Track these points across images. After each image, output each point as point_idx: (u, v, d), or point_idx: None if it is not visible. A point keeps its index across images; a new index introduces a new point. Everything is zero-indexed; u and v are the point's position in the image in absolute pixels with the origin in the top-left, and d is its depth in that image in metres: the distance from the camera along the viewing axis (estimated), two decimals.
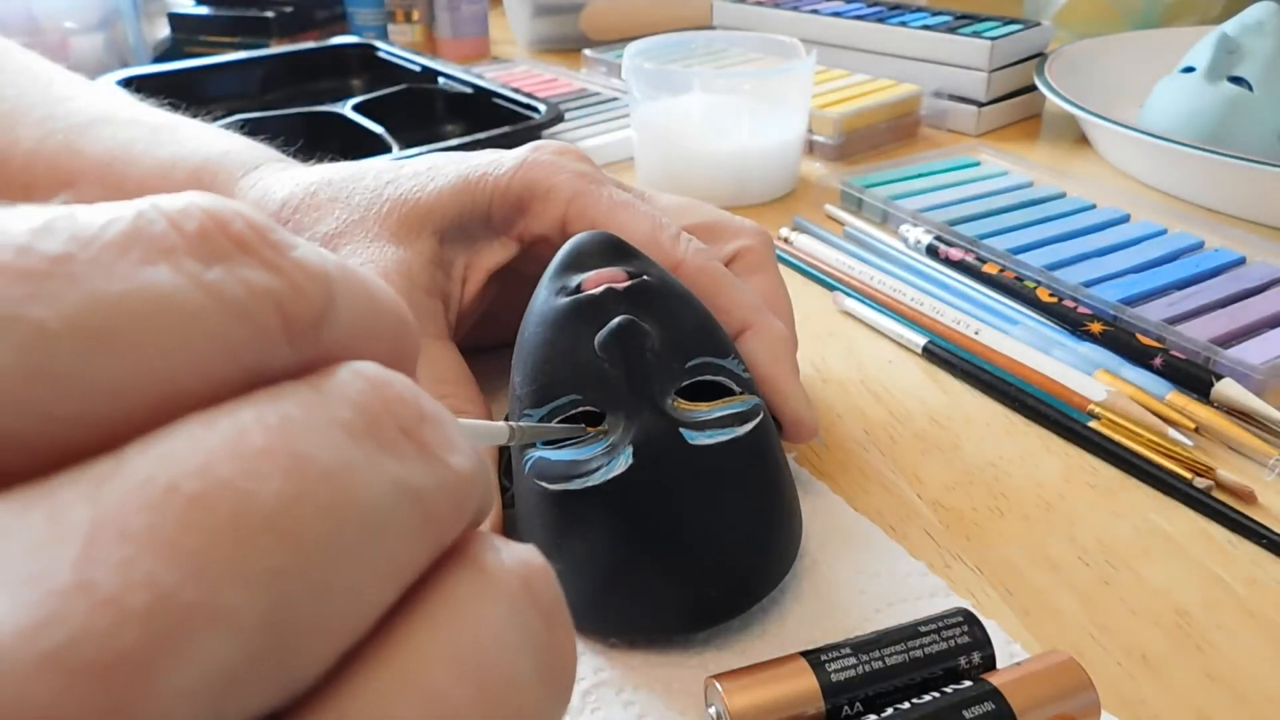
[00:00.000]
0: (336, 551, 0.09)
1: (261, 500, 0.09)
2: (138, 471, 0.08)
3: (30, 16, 0.77)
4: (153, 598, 0.08)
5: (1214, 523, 0.31)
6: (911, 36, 0.71)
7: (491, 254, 0.32)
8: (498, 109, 0.63)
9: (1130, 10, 0.88)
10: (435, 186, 0.32)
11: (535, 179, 0.31)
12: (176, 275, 0.09)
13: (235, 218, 0.10)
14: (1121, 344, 0.39)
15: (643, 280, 0.27)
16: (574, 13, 0.93)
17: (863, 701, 0.23)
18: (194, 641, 0.08)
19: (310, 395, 0.10)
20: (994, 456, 0.34)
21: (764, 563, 0.26)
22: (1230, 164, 0.52)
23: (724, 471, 0.25)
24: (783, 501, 0.27)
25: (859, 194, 0.55)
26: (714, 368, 0.27)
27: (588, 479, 0.25)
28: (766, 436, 0.27)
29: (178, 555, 0.08)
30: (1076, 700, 0.22)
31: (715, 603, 0.26)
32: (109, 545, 0.08)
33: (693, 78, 0.56)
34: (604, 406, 0.25)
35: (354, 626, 0.09)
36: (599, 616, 0.26)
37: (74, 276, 0.09)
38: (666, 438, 0.25)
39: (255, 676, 0.08)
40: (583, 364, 0.26)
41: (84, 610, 0.07)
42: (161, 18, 0.90)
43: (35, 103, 0.38)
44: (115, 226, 0.09)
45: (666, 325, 0.26)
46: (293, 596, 0.09)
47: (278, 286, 0.10)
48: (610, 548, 0.25)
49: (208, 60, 0.71)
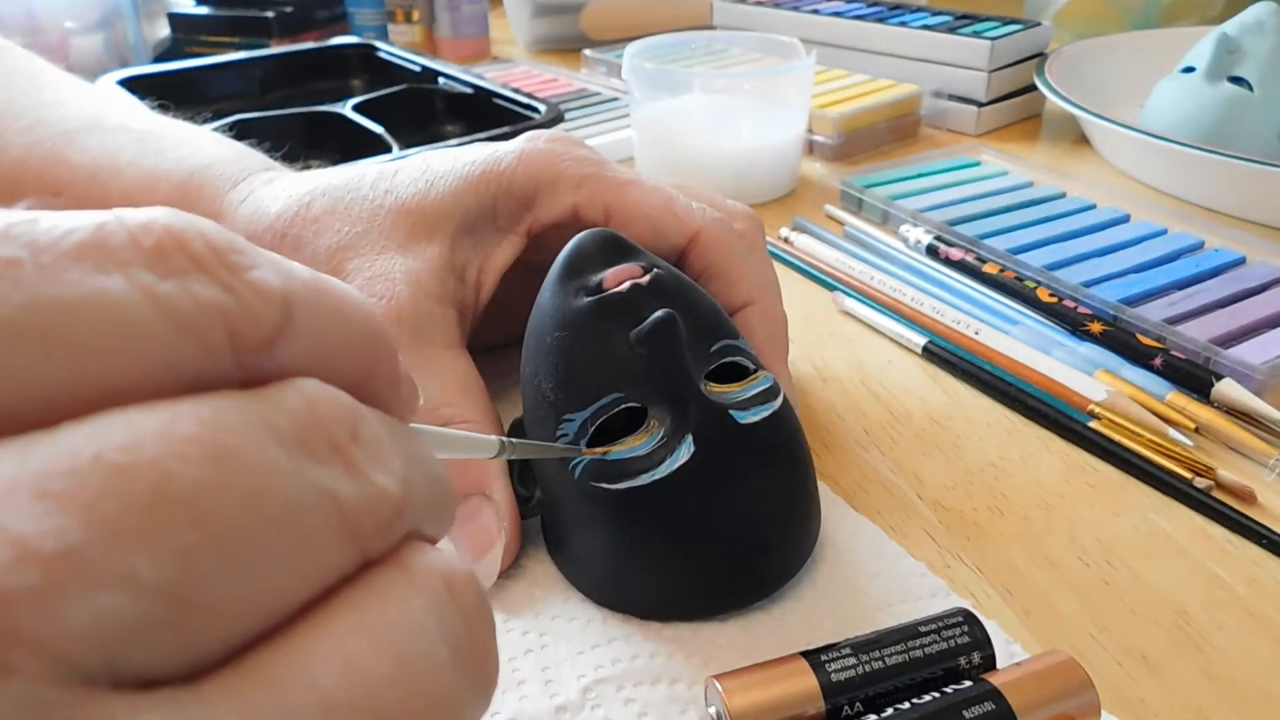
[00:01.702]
0: (249, 540, 0.10)
1: (182, 482, 0.09)
2: (67, 441, 0.09)
3: (30, 16, 0.77)
4: (58, 548, 0.08)
5: (1214, 523, 0.31)
6: (911, 36, 0.71)
7: (501, 253, 0.32)
8: (498, 109, 0.63)
9: (1130, 10, 0.88)
10: (437, 191, 0.31)
11: (538, 171, 0.31)
12: (127, 285, 0.10)
13: (195, 236, 0.11)
14: (1121, 344, 0.39)
15: (658, 273, 0.27)
16: (574, 13, 0.93)
17: (863, 701, 0.23)
18: (92, 594, 0.09)
19: (247, 401, 0.10)
20: (994, 456, 0.34)
21: (811, 525, 0.29)
22: (1230, 164, 0.52)
23: (771, 446, 0.27)
24: (812, 468, 0.29)
25: (859, 194, 0.55)
26: (733, 349, 0.28)
27: (653, 473, 0.25)
28: (791, 409, 0.29)
29: (92, 517, 0.09)
30: (1076, 700, 0.22)
31: (776, 569, 0.27)
32: (26, 497, 0.09)
33: (693, 78, 0.56)
34: (646, 401, 0.26)
35: (264, 610, 0.10)
36: (679, 603, 0.27)
37: (21, 281, 0.09)
38: (720, 422, 0.26)
39: (152, 638, 0.09)
40: (619, 361, 0.26)
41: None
42: (161, 18, 0.90)
43: (26, 108, 0.38)
44: (75, 236, 0.10)
45: (688, 313, 0.27)
46: (198, 573, 0.09)
47: (228, 304, 0.10)
48: (685, 535, 0.26)
49: (208, 60, 0.71)
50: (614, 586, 0.27)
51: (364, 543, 0.11)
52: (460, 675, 0.11)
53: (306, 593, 0.10)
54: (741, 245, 0.32)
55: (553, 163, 0.31)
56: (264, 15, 0.88)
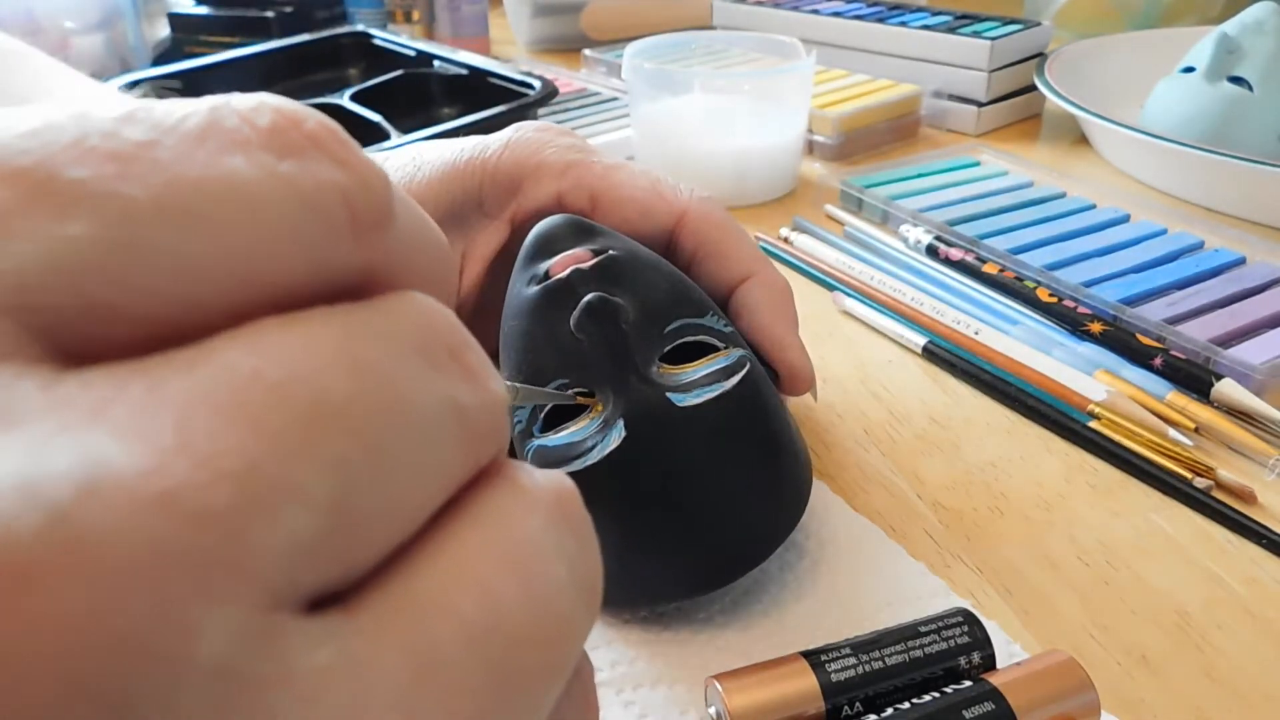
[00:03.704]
0: (393, 448, 0.10)
1: (333, 393, 0.09)
2: (224, 357, 0.09)
3: (30, 16, 0.77)
4: (243, 464, 0.08)
5: (1214, 523, 0.31)
6: (911, 36, 0.71)
7: (486, 240, 0.32)
8: (493, 88, 0.63)
9: (1130, 10, 0.88)
10: (424, 176, 0.32)
11: (523, 158, 0.32)
12: (250, 165, 0.10)
13: (307, 117, 0.11)
14: (1121, 344, 0.39)
15: (608, 255, 0.27)
16: (574, 13, 0.93)
17: (863, 701, 0.23)
18: (278, 509, 0.09)
19: (372, 313, 0.11)
20: (994, 456, 0.34)
21: (774, 510, 0.27)
22: (1230, 164, 0.52)
23: (716, 428, 0.26)
24: (782, 449, 0.27)
25: (859, 194, 0.55)
26: (694, 328, 0.27)
27: (586, 459, 0.25)
28: (755, 387, 0.27)
29: (262, 432, 0.09)
30: (1076, 700, 0.22)
31: (731, 557, 0.26)
32: (204, 415, 0.09)
33: (693, 78, 0.56)
34: (592, 385, 0.26)
35: (407, 519, 0.10)
36: (618, 592, 0.26)
37: (158, 161, 0.09)
38: (654, 405, 0.25)
39: (324, 550, 0.09)
40: (563, 348, 0.26)
41: (186, 467, 0.08)
42: (161, 18, 0.90)
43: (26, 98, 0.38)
44: (192, 120, 0.10)
45: (640, 295, 0.27)
46: (356, 483, 0.09)
47: (346, 181, 0.11)
48: (617, 523, 0.25)
49: (207, 60, 0.71)
50: None
51: (479, 448, 0.11)
52: (578, 594, 0.11)
53: (439, 500, 0.11)
54: (733, 221, 0.32)
55: (537, 150, 0.32)
56: (264, 15, 0.88)
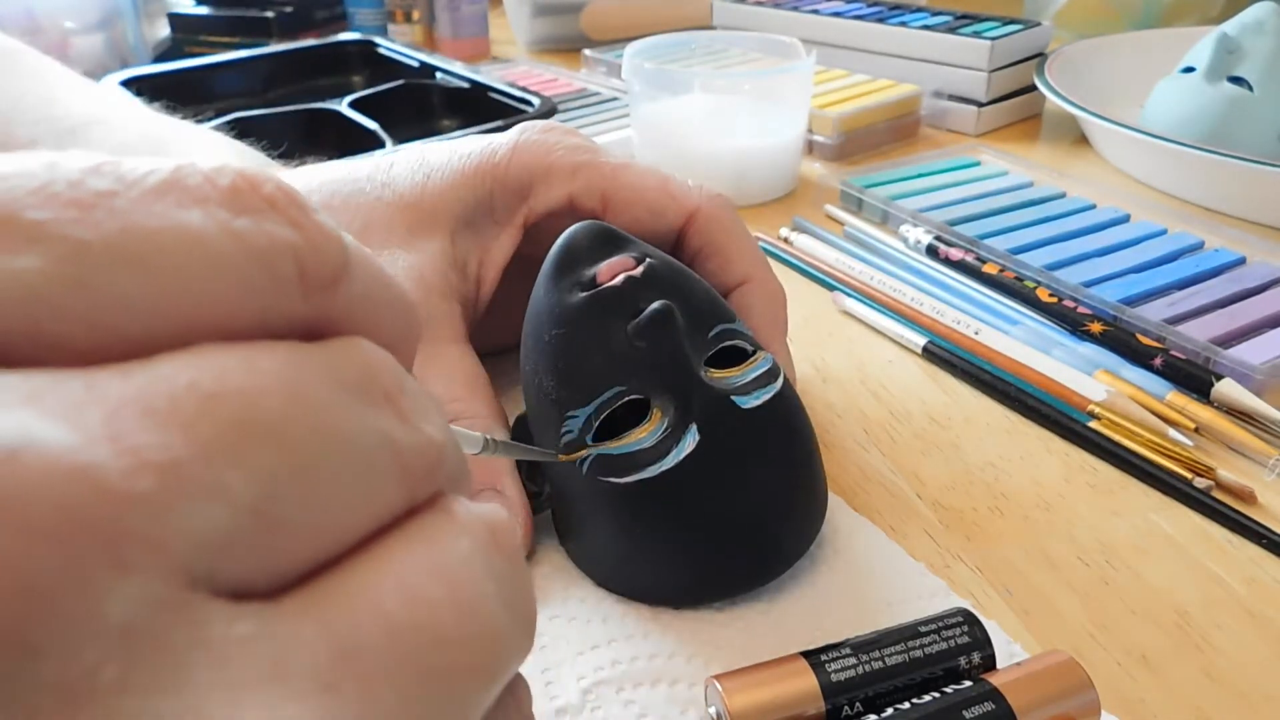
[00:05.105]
0: (321, 469, 0.11)
1: (265, 412, 0.10)
2: (164, 369, 0.10)
3: (30, 16, 0.77)
4: (167, 459, 0.09)
5: (1214, 523, 0.31)
6: (911, 36, 0.71)
7: (500, 247, 0.32)
8: (493, 104, 0.63)
9: (1130, 10, 0.88)
10: (435, 185, 0.31)
11: (532, 161, 0.31)
12: (206, 219, 0.11)
13: (266, 180, 0.12)
14: (1121, 344, 0.39)
15: (651, 263, 0.27)
16: (574, 13, 0.93)
17: (863, 701, 0.23)
18: (196, 502, 0.09)
19: (314, 350, 0.11)
20: (994, 456, 0.34)
21: (817, 504, 0.29)
22: (1230, 164, 0.52)
23: (776, 428, 0.27)
24: (816, 448, 0.29)
25: (859, 194, 0.55)
26: (731, 333, 0.28)
27: (660, 464, 0.25)
28: (790, 387, 0.29)
29: (191, 434, 0.10)
30: (1076, 700, 0.22)
31: (787, 549, 0.27)
32: (135, 414, 0.09)
33: (693, 78, 0.56)
34: (648, 393, 0.26)
35: (333, 535, 0.11)
36: (695, 589, 0.27)
37: (115, 209, 0.10)
38: (723, 408, 0.26)
39: (243, 550, 0.10)
40: (618, 354, 0.26)
41: (111, 452, 0.09)
42: (161, 18, 0.90)
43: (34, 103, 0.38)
44: (155, 176, 0.11)
45: (683, 301, 0.27)
46: (280, 494, 0.10)
47: (298, 241, 0.11)
48: (696, 523, 0.26)
49: (209, 59, 0.71)
50: (626, 575, 0.27)
51: (413, 484, 0.12)
52: (507, 610, 0.12)
53: (368, 525, 0.11)
54: (740, 223, 0.32)
55: (547, 153, 0.32)
56: (264, 15, 0.88)
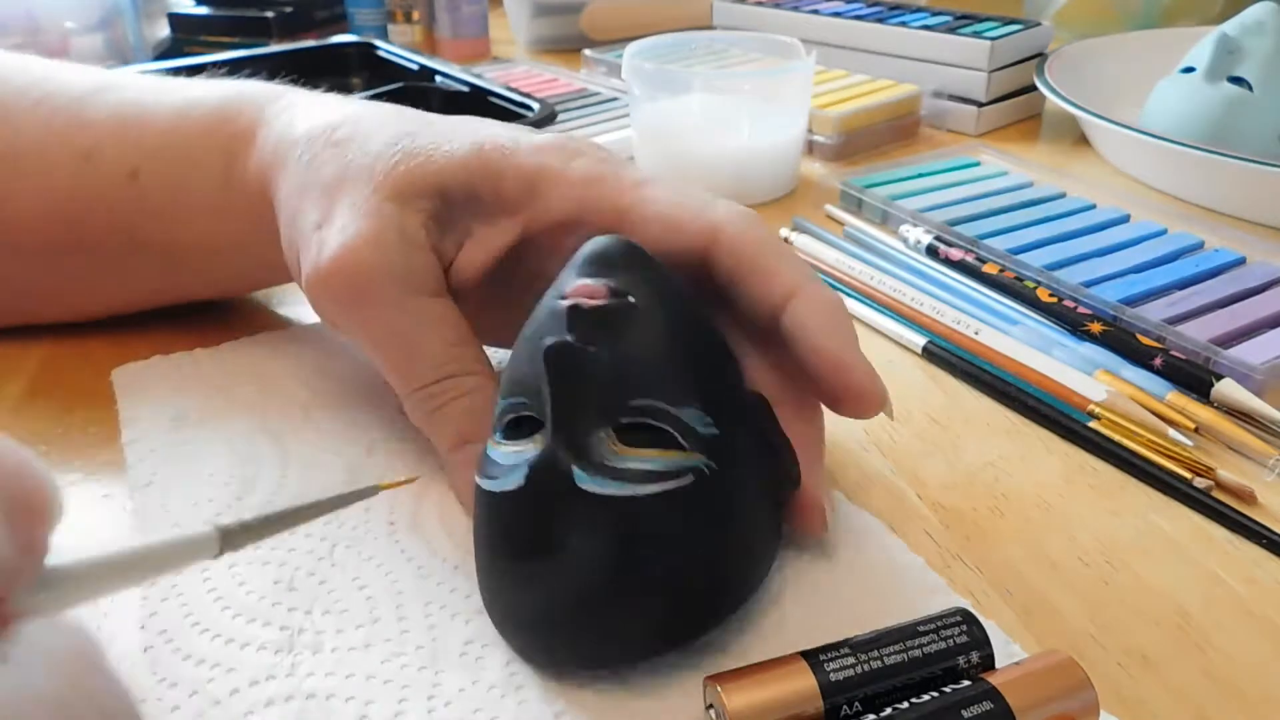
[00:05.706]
0: None
1: None
2: None
3: (30, 16, 0.77)
4: None
5: (1214, 523, 0.31)
6: (911, 36, 0.71)
7: (497, 234, 0.32)
8: (493, 107, 0.63)
9: (1130, 10, 0.89)
10: (450, 148, 0.31)
11: (550, 162, 0.31)
12: None
13: None
14: (1121, 344, 0.39)
15: (619, 302, 0.25)
16: (574, 13, 0.93)
17: (861, 701, 0.22)
18: None
19: None
20: (994, 456, 0.34)
21: (613, 628, 0.24)
22: (1230, 164, 0.52)
23: (608, 526, 0.23)
24: (666, 581, 0.24)
25: (859, 194, 0.55)
26: (660, 413, 0.24)
27: (496, 481, 0.25)
28: (677, 510, 0.24)
29: None
30: (1075, 700, 0.22)
31: (570, 654, 0.25)
32: None
33: (693, 78, 0.56)
34: (542, 418, 0.25)
35: None
36: (526, 630, 0.25)
37: None
38: (557, 472, 0.24)
39: None
40: (536, 372, 0.25)
41: None
42: (161, 18, 0.90)
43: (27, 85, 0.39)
44: None
45: (624, 355, 0.24)
46: None
47: None
48: (492, 555, 0.25)
49: (208, 59, 0.70)
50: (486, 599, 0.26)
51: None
52: None
53: None
54: (774, 237, 0.30)
55: (568, 159, 0.31)
56: (264, 15, 0.88)
